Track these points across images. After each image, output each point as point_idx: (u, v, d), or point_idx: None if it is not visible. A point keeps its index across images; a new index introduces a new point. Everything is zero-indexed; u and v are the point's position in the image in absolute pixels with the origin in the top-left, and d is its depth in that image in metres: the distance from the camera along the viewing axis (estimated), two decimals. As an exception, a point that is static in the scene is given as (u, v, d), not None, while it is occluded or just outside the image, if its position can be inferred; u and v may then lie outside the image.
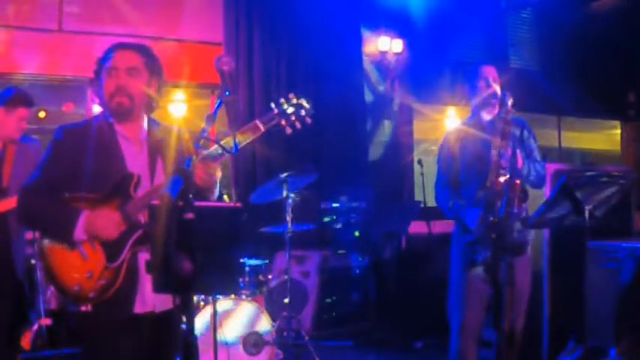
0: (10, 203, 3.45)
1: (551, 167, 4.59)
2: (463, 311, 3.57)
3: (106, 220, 2.36)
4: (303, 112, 2.52)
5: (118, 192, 2.42)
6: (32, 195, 2.46)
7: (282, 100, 2.51)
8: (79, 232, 2.36)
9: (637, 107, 9.14)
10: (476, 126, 3.68)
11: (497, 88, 3.60)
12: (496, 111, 3.60)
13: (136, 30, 6.29)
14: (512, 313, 3.40)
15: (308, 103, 2.53)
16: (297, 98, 2.53)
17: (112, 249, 2.38)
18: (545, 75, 8.51)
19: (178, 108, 7.04)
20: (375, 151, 7.31)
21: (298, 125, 2.51)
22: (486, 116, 3.65)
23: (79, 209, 2.39)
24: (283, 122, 2.50)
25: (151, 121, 2.64)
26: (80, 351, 2.49)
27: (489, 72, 3.64)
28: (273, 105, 2.51)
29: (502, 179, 3.31)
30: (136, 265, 2.40)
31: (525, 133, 3.65)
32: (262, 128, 2.46)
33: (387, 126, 7.45)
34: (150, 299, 2.44)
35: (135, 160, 2.53)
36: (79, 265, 2.37)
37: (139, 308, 2.43)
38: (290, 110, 2.50)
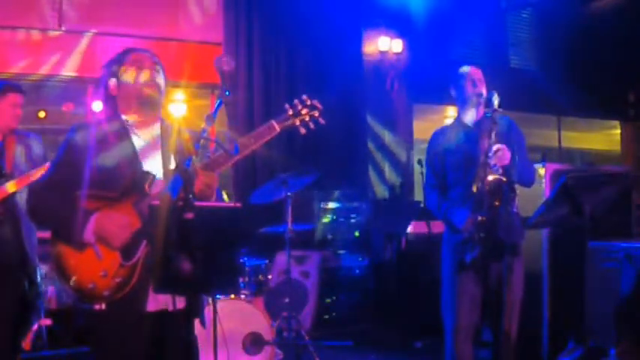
0: (16, 185, 3.50)
1: (551, 167, 4.60)
2: (455, 312, 3.57)
3: (116, 226, 2.36)
4: (316, 113, 2.57)
5: (134, 189, 2.42)
6: (43, 193, 2.47)
7: (296, 101, 2.57)
8: (89, 235, 2.36)
9: (637, 107, 9.14)
10: (463, 127, 3.68)
11: (483, 89, 3.61)
12: (482, 111, 3.61)
13: (136, 30, 6.30)
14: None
15: (320, 104, 2.59)
16: (311, 100, 2.58)
17: (127, 247, 2.37)
18: (545, 75, 8.51)
19: (178, 108, 7.05)
20: (375, 151, 7.32)
21: (312, 126, 2.57)
22: (473, 117, 3.66)
23: (90, 211, 2.38)
24: (298, 123, 2.55)
25: (161, 119, 2.66)
26: (87, 350, 2.50)
27: (475, 73, 3.65)
28: (287, 106, 2.57)
29: (490, 178, 3.32)
30: (150, 263, 2.39)
31: (512, 131, 3.64)
32: (278, 128, 2.51)
33: (386, 126, 7.45)
34: (162, 296, 2.43)
35: (149, 158, 2.54)
36: (94, 264, 2.37)
37: (151, 306, 2.43)
38: (304, 111, 2.56)
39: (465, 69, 3.67)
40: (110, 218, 2.37)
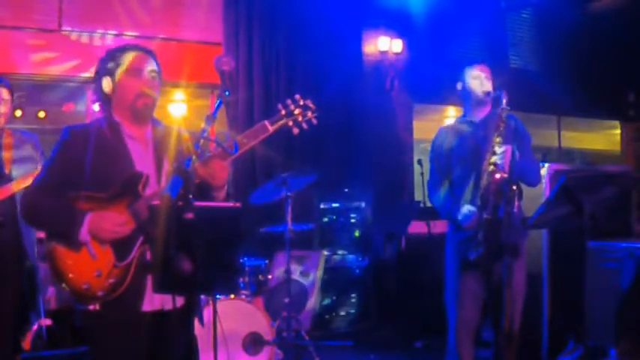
0: (14, 187, 3.50)
1: (551, 167, 4.60)
2: (458, 309, 3.59)
3: (111, 223, 2.36)
4: (309, 113, 2.56)
5: (127, 191, 2.42)
6: (37, 195, 2.46)
7: (289, 101, 2.55)
8: (84, 234, 2.36)
9: (637, 107, 9.14)
10: (469, 124, 3.68)
11: (491, 86, 3.60)
12: (489, 109, 3.61)
13: (135, 30, 6.30)
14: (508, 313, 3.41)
15: (314, 104, 2.57)
16: (304, 99, 2.57)
17: (121, 248, 2.37)
18: (545, 75, 8.50)
19: (178, 108, 7.05)
20: (375, 151, 7.31)
21: (305, 126, 2.56)
22: (479, 114, 3.66)
23: (84, 211, 2.38)
24: (290, 123, 2.54)
25: (154, 120, 2.64)
26: (86, 350, 2.50)
27: (483, 70, 3.64)
28: (280, 106, 2.55)
29: (498, 176, 3.32)
30: (144, 264, 2.40)
31: (518, 129, 3.64)
32: (270, 129, 2.50)
33: (386, 126, 7.44)
34: (158, 297, 2.43)
35: (142, 160, 2.53)
36: (88, 264, 2.37)
37: (147, 306, 2.43)
38: (297, 111, 2.54)
39: (473, 66, 3.66)
40: (105, 216, 2.37)
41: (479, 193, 3.43)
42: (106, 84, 2.54)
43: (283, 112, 2.53)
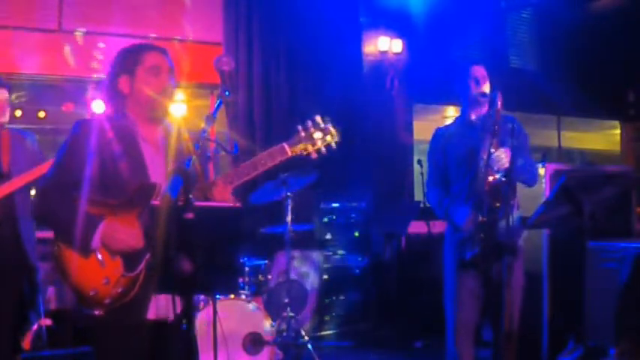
0: (12, 186, 3.49)
1: (551, 167, 4.60)
2: (456, 310, 3.59)
3: (125, 235, 2.30)
4: (329, 138, 2.52)
5: (140, 200, 2.34)
6: (50, 194, 2.37)
7: (309, 122, 2.50)
8: (96, 242, 2.30)
9: (636, 107, 9.14)
10: (465, 125, 3.68)
11: (487, 87, 3.60)
12: (485, 110, 3.60)
13: (136, 30, 6.29)
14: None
15: (336, 129, 2.52)
16: (325, 122, 2.52)
17: (130, 258, 2.32)
18: (545, 75, 8.51)
19: (178, 108, 7.03)
20: (375, 151, 7.30)
21: (324, 151, 2.51)
22: (475, 115, 3.65)
23: (97, 217, 2.31)
24: (310, 147, 2.50)
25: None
26: (86, 350, 2.50)
27: (478, 71, 3.63)
28: (300, 128, 2.50)
29: (491, 178, 3.32)
30: (151, 274, 2.33)
31: (515, 130, 3.63)
32: (289, 153, 2.48)
33: (386, 126, 7.44)
34: (164, 306, 2.39)
35: (154, 164, 2.46)
36: (96, 271, 2.32)
37: (152, 314, 2.40)
38: (317, 135, 2.50)
39: (469, 67, 3.65)
40: (119, 228, 2.31)
41: (475, 195, 3.43)
42: (124, 82, 2.47)
43: (303, 134, 2.49)
